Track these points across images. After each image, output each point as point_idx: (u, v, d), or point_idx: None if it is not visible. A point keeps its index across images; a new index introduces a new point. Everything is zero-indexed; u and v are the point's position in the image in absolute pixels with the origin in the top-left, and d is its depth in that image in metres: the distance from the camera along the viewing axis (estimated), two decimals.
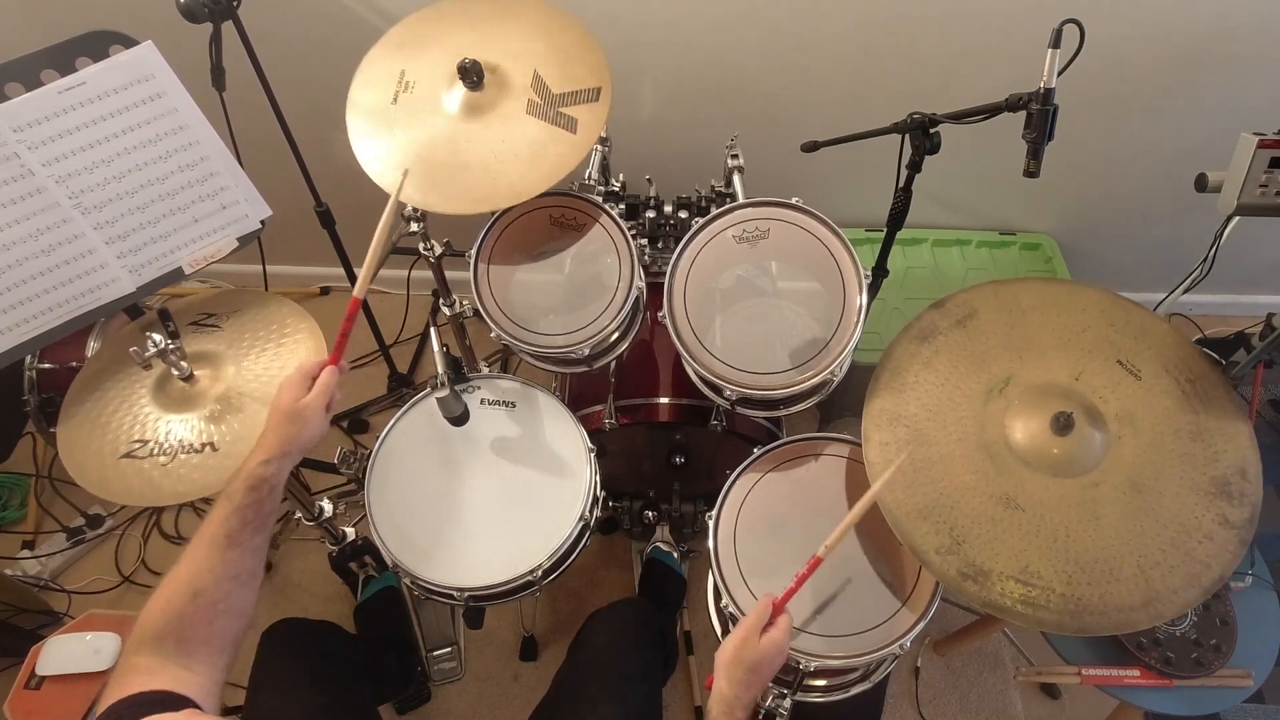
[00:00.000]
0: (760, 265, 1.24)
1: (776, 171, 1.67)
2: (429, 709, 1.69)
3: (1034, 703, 1.72)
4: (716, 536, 1.15)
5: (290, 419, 0.96)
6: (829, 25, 1.57)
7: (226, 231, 1.27)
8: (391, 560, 1.18)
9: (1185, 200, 1.22)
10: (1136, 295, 1.18)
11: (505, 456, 1.28)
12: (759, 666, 0.90)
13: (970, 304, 1.16)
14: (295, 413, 0.96)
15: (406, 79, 1.23)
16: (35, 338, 1.17)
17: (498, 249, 1.31)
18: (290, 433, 0.95)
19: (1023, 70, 1.08)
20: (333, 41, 1.62)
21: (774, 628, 0.93)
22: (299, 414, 0.96)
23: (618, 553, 1.90)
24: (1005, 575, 0.96)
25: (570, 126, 1.18)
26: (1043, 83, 1.00)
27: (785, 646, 0.94)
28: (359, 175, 1.17)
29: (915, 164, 1.21)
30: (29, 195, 1.11)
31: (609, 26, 1.58)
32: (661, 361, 1.52)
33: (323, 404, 0.99)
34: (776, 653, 0.92)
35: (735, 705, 0.88)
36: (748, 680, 0.90)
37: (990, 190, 1.96)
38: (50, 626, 1.73)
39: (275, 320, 1.27)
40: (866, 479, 1.05)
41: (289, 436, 0.95)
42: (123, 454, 1.13)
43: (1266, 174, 0.99)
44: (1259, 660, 1.27)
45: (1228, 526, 0.98)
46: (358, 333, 2.18)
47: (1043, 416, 1.03)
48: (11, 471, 1.96)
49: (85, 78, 1.11)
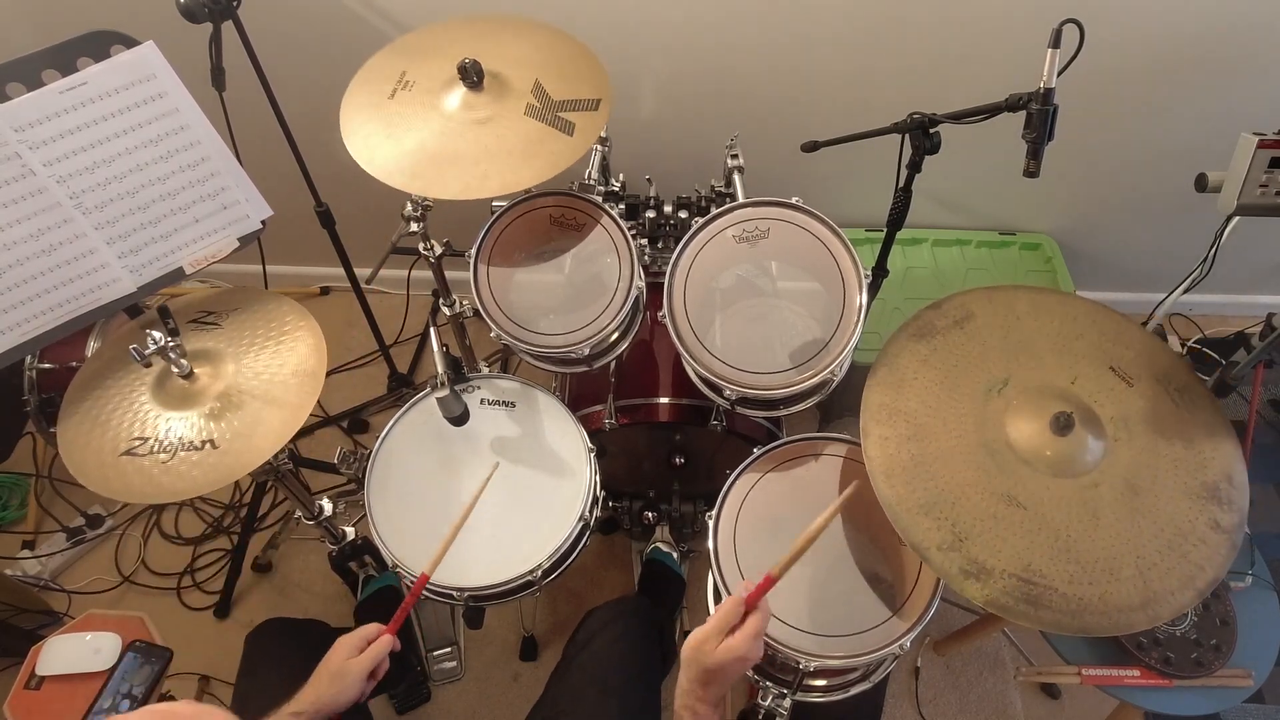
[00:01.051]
0: (760, 265, 1.24)
1: (776, 171, 1.68)
2: (429, 709, 1.69)
3: (1034, 703, 1.72)
4: (716, 536, 1.15)
5: (335, 677, 1.00)
6: (829, 25, 1.57)
7: (227, 231, 1.27)
8: (391, 560, 1.18)
9: (1185, 200, 1.22)
10: (1136, 295, 1.18)
11: (505, 456, 1.28)
12: (716, 670, 0.85)
13: (966, 306, 1.16)
14: (341, 672, 1.00)
15: (406, 78, 1.24)
16: (35, 338, 1.17)
17: (498, 249, 1.31)
18: (330, 691, 0.99)
19: (1023, 70, 1.08)
20: (333, 41, 1.62)
21: (738, 632, 0.85)
22: (343, 673, 1.00)
23: (618, 553, 1.90)
24: (1007, 573, 0.96)
25: (567, 129, 1.19)
26: (1043, 83, 1.00)
27: (748, 653, 0.85)
28: (359, 175, 1.17)
29: (915, 164, 1.21)
30: (30, 195, 1.11)
31: (610, 27, 1.58)
32: (661, 361, 1.52)
33: (368, 670, 1.02)
34: (732, 659, 0.84)
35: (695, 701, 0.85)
36: (704, 679, 0.85)
37: (990, 190, 1.96)
38: (50, 626, 1.73)
39: (275, 318, 1.26)
40: (866, 479, 1.05)
41: (327, 695, 0.99)
42: (123, 452, 1.12)
43: (1266, 174, 0.99)
44: (1259, 660, 1.27)
45: (1219, 531, 0.99)
46: (357, 333, 2.20)
47: (1042, 417, 1.04)
48: (11, 471, 1.96)
49: (86, 78, 1.11)
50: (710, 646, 0.85)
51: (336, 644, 1.03)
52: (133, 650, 1.32)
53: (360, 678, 1.01)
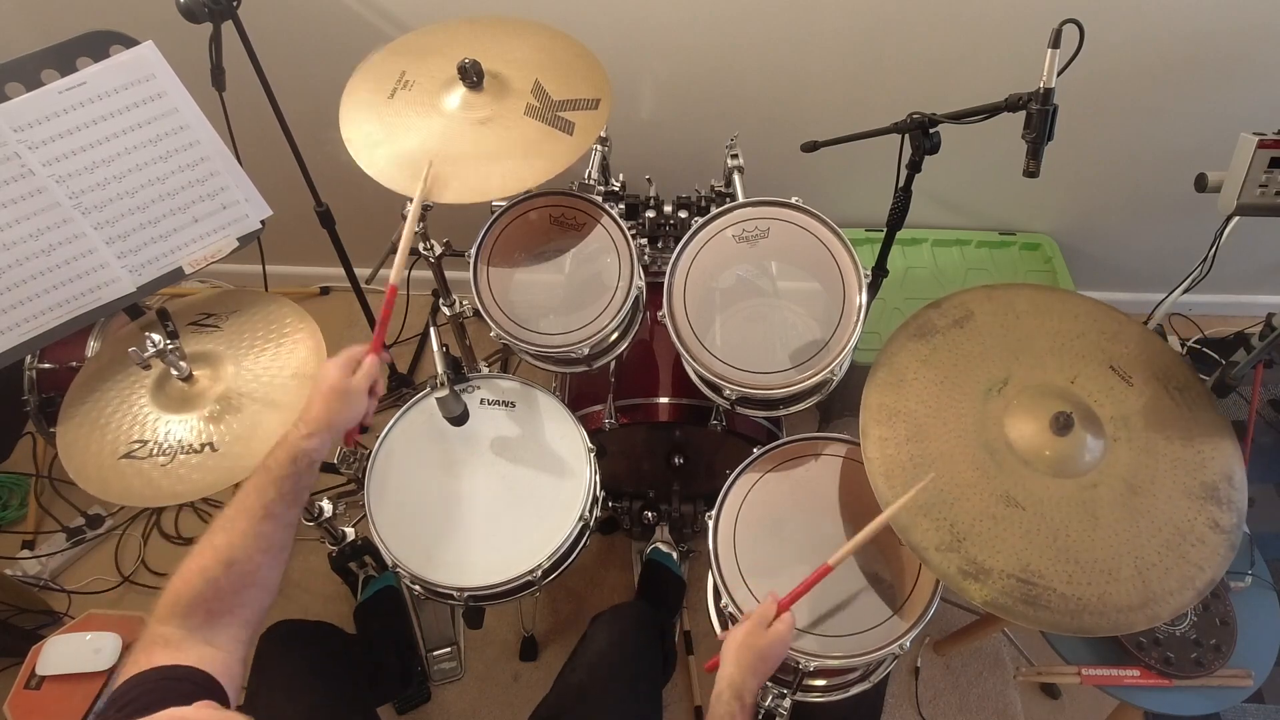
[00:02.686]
0: (760, 265, 1.24)
1: (776, 171, 1.67)
2: (429, 709, 1.69)
3: (1034, 703, 1.72)
4: (716, 536, 1.15)
5: (338, 394, 0.97)
6: (829, 25, 1.57)
7: (227, 231, 1.27)
8: (391, 560, 1.18)
9: (1185, 200, 1.22)
10: (1136, 295, 1.18)
11: (505, 456, 1.28)
12: (766, 654, 0.94)
13: (966, 305, 1.16)
14: (343, 390, 0.97)
15: (406, 78, 1.24)
16: (35, 338, 1.17)
17: (498, 249, 1.31)
18: (336, 408, 0.96)
19: (1022, 70, 1.08)
20: (333, 41, 1.62)
21: (779, 622, 0.97)
22: (346, 391, 0.98)
23: (618, 553, 1.90)
24: (1006, 573, 0.96)
25: (567, 129, 1.19)
26: (1042, 83, 1.00)
27: (789, 640, 0.97)
28: (359, 175, 1.17)
29: (915, 164, 1.21)
30: (29, 195, 1.11)
31: (609, 26, 1.58)
32: (661, 361, 1.52)
33: (366, 386, 1.01)
34: (781, 644, 0.96)
35: (743, 689, 0.91)
36: (755, 665, 0.93)
37: (990, 190, 1.96)
38: (50, 626, 1.73)
39: (275, 320, 1.27)
40: (866, 479, 1.05)
41: (335, 410, 0.96)
42: (122, 454, 1.13)
43: (1266, 174, 0.99)
44: (1259, 660, 1.27)
45: (1218, 531, 0.99)
46: (357, 333, 2.20)
47: (1042, 416, 1.04)
48: (11, 471, 1.95)
49: (86, 78, 1.11)
50: (760, 631, 0.95)
51: (325, 366, 1.00)
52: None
53: (363, 393, 1.00)
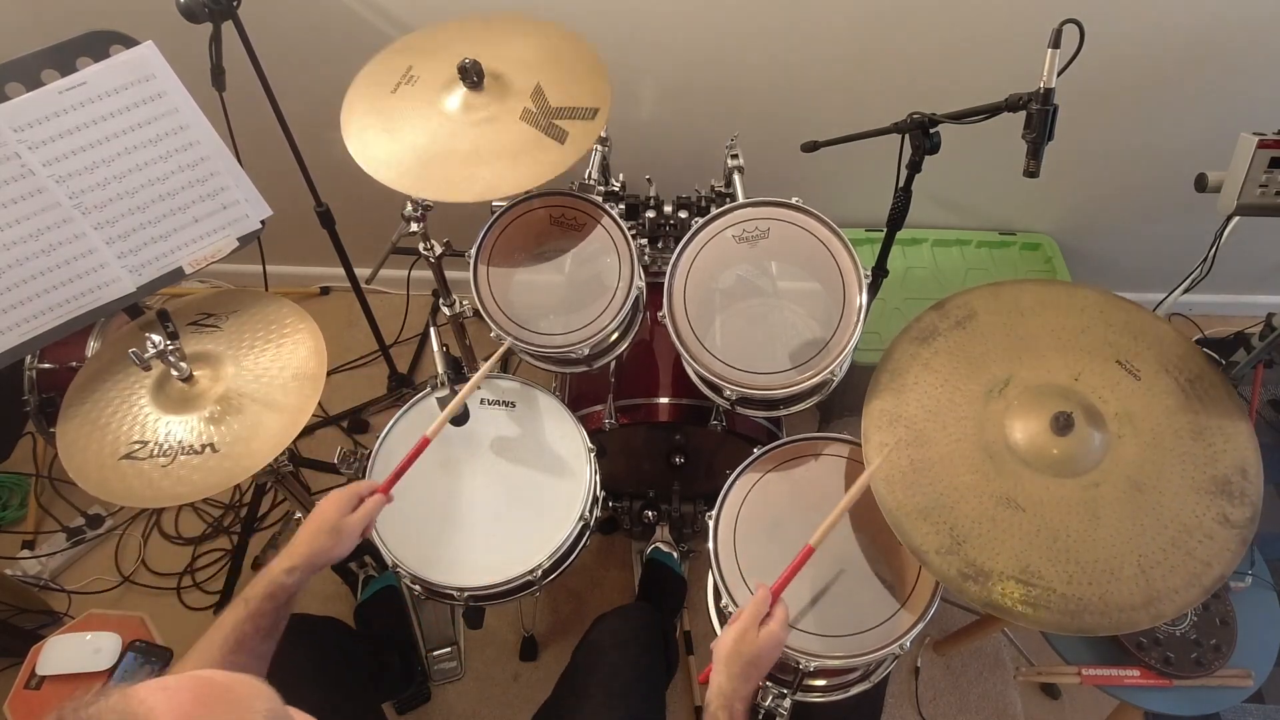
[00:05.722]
0: (760, 265, 1.24)
1: (776, 171, 1.67)
2: (429, 709, 1.69)
3: (1034, 703, 1.72)
4: (716, 536, 1.15)
5: (329, 532, 0.96)
6: (829, 25, 1.57)
7: (227, 231, 1.27)
8: (391, 560, 1.18)
9: (1185, 200, 1.22)
10: (1136, 295, 1.18)
11: (505, 456, 1.28)
12: (757, 659, 0.90)
13: (970, 305, 1.16)
14: (336, 528, 0.97)
15: (412, 73, 1.24)
16: (35, 338, 1.17)
17: (498, 249, 1.31)
18: (323, 546, 0.96)
19: (1023, 70, 1.08)
20: (333, 41, 1.62)
21: (771, 620, 0.93)
22: (339, 530, 0.97)
23: (618, 553, 1.90)
24: (1005, 575, 0.96)
25: (560, 137, 1.19)
26: (1042, 83, 1.00)
27: (783, 639, 0.93)
28: (359, 175, 1.17)
29: (915, 164, 1.20)
30: (29, 195, 1.11)
31: (609, 26, 1.58)
32: (661, 361, 1.52)
33: (361, 527, 1.00)
34: (774, 645, 0.92)
35: (734, 699, 0.88)
36: (746, 673, 0.89)
37: (990, 190, 1.96)
38: (50, 626, 1.73)
39: (275, 320, 1.26)
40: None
41: (321, 549, 0.95)
42: (122, 455, 1.12)
43: (1266, 174, 0.98)
44: (1259, 660, 1.27)
45: (1228, 526, 0.98)
46: (357, 333, 2.20)
47: (1043, 417, 1.03)
48: (11, 471, 1.95)
49: (86, 78, 1.11)
50: (751, 637, 0.90)
51: (328, 499, 0.99)
52: (133, 650, 1.32)
53: (356, 535, 0.99)
